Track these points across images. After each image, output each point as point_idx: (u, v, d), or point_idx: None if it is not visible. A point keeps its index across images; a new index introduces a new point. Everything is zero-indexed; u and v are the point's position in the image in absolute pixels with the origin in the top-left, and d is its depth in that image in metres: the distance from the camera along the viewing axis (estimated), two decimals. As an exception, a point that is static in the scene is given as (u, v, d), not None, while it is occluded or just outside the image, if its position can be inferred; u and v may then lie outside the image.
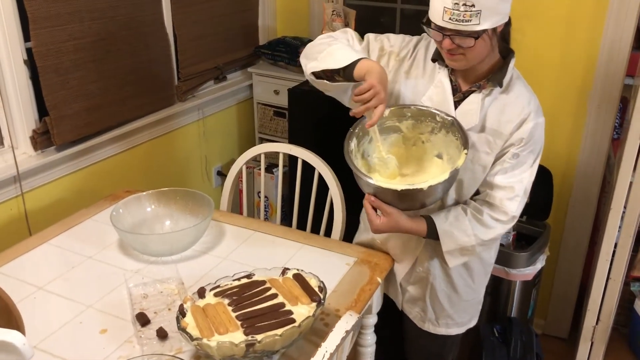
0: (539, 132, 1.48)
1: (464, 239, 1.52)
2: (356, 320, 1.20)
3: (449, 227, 1.52)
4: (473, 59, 1.42)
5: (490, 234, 1.52)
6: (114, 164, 2.55)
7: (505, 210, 1.50)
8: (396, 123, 1.55)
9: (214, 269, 1.66)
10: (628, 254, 2.06)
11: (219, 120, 3.16)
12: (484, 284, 1.78)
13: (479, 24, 1.31)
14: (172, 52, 2.75)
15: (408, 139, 1.56)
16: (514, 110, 1.47)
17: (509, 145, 1.48)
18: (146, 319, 1.42)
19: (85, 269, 1.66)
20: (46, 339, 1.38)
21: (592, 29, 2.19)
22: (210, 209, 1.76)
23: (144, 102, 2.62)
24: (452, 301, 1.72)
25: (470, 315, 1.79)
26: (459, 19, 1.31)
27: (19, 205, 2.17)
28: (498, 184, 1.50)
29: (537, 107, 1.49)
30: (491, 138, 1.49)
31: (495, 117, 1.48)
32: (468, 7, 1.30)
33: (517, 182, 1.49)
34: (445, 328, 1.77)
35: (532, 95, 1.50)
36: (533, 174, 1.51)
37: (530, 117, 1.46)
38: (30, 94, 2.17)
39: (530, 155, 1.49)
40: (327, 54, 1.49)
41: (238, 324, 1.28)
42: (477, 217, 1.52)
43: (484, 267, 1.72)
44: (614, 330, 2.25)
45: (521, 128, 1.46)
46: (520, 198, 1.50)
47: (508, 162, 1.49)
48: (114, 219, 1.69)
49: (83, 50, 2.26)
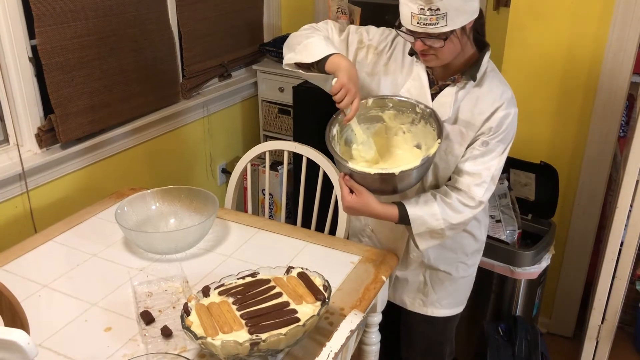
0: (510, 122, 1.52)
1: (433, 223, 1.55)
2: (361, 319, 1.20)
3: (419, 211, 1.55)
4: (445, 57, 1.48)
5: (459, 217, 1.56)
6: (118, 162, 2.55)
7: (473, 195, 1.54)
8: (379, 113, 1.60)
9: (219, 267, 1.66)
10: (634, 252, 2.05)
11: (224, 117, 3.16)
12: (477, 262, 1.84)
13: (446, 25, 1.36)
14: (177, 50, 2.75)
15: (390, 129, 1.62)
16: (486, 103, 1.52)
17: (480, 134, 1.53)
18: (151, 318, 1.42)
19: (90, 266, 1.66)
20: (51, 337, 1.38)
21: (599, 25, 2.17)
22: (214, 207, 1.76)
23: (148, 100, 2.62)
24: (451, 279, 1.79)
25: (465, 294, 1.86)
26: (426, 22, 1.36)
27: (24, 202, 2.18)
28: (466, 170, 1.55)
29: (509, 98, 1.53)
30: (464, 129, 1.54)
31: (468, 109, 1.53)
32: (433, 11, 1.34)
33: (485, 169, 1.53)
34: (448, 309, 1.83)
35: (505, 87, 1.54)
36: (502, 162, 1.55)
37: (501, 108, 1.50)
38: (35, 91, 2.17)
39: (499, 144, 1.53)
40: (304, 47, 1.55)
41: (242, 323, 1.28)
42: (446, 202, 1.55)
43: (477, 243, 1.79)
44: (619, 329, 2.24)
45: (491, 118, 1.51)
46: (487, 184, 1.54)
47: (477, 149, 1.53)
48: (118, 216, 1.69)
49: (88, 48, 2.27)
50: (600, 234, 2.54)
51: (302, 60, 1.54)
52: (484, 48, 1.54)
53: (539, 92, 2.36)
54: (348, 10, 2.78)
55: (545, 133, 2.40)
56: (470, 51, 1.53)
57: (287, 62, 1.61)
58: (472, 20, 1.42)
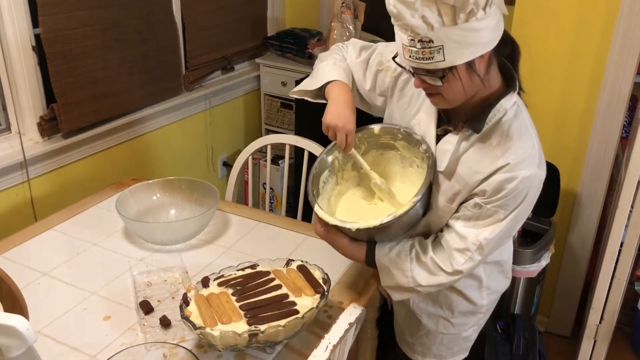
0: (514, 187, 1.21)
1: (401, 279, 1.36)
2: (360, 312, 1.20)
3: (388, 263, 1.37)
4: (452, 99, 1.23)
5: (430, 280, 1.34)
6: (120, 152, 2.55)
7: (452, 260, 1.30)
8: (390, 141, 1.45)
9: (218, 258, 1.66)
10: (634, 253, 2.05)
11: (226, 110, 3.15)
12: (469, 324, 1.58)
13: (443, 60, 1.12)
14: (180, 42, 2.75)
15: (405, 158, 1.45)
16: (487, 161, 1.25)
17: (473, 194, 1.29)
18: (150, 307, 1.42)
19: (90, 256, 1.66)
20: (50, 324, 1.39)
21: (604, 25, 2.17)
22: (215, 199, 1.76)
23: (151, 91, 2.62)
24: (428, 330, 1.58)
25: (446, 350, 1.61)
26: (418, 56, 1.13)
27: (25, 191, 2.18)
28: (455, 229, 1.31)
29: (522, 158, 1.22)
30: (458, 187, 1.31)
31: (467, 165, 1.29)
32: (425, 43, 1.11)
33: (473, 235, 1.28)
34: (420, 356, 1.64)
35: (522, 143, 1.24)
36: (499, 231, 1.27)
37: (503, 169, 1.22)
38: (38, 80, 2.17)
39: (498, 210, 1.25)
40: (314, 73, 1.48)
41: (241, 314, 1.28)
42: (420, 259, 1.34)
43: (471, 306, 1.53)
44: (617, 329, 2.24)
45: (488, 179, 1.25)
46: (471, 254, 1.29)
47: (469, 210, 1.29)
48: (119, 206, 1.69)
49: (92, 38, 2.26)
50: (600, 234, 2.54)
51: (307, 88, 1.47)
52: (508, 87, 1.27)
53: (542, 91, 2.35)
54: (352, 6, 2.77)
55: (548, 132, 2.40)
56: (492, 88, 1.26)
57: (295, 90, 1.51)
58: (484, 54, 1.15)
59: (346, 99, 1.37)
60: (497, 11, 1.14)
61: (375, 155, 1.49)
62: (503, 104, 1.25)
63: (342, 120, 1.33)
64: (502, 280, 1.56)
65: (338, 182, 1.51)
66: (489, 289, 1.52)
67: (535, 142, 1.26)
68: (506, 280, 1.58)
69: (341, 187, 1.52)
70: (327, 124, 1.34)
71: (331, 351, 1.09)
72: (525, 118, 1.28)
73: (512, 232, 1.32)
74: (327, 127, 1.35)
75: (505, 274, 1.56)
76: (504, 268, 1.55)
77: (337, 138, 1.34)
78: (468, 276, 1.45)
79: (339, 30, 2.75)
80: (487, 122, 1.26)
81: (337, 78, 1.43)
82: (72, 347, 1.32)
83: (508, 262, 1.56)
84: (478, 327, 1.61)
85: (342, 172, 1.50)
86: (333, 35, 2.76)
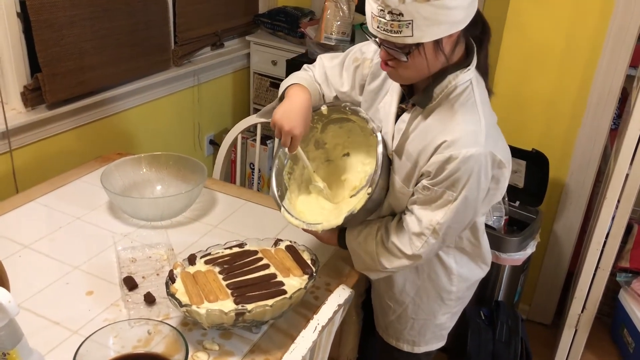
0: (455, 167, 1.17)
1: (369, 262, 1.37)
2: (349, 294, 1.19)
3: (357, 247, 1.38)
4: (406, 76, 1.21)
5: (394, 263, 1.33)
6: (105, 126, 2.50)
7: (411, 244, 1.29)
8: (343, 116, 1.44)
9: (204, 236, 1.64)
10: (618, 244, 2.06)
11: (214, 87, 3.11)
12: (441, 311, 1.55)
13: (411, 35, 1.08)
14: (170, 15, 2.69)
15: (365, 129, 1.41)
16: (429, 137, 1.23)
17: (420, 175, 1.27)
18: (134, 283, 1.40)
19: (73, 229, 1.63)
20: (30, 298, 1.36)
21: (600, 16, 2.15)
22: (203, 176, 1.73)
23: (139, 65, 2.57)
24: (394, 312, 1.56)
25: (423, 336, 1.58)
26: (386, 28, 1.10)
27: (6, 162, 2.13)
28: (412, 211, 1.30)
29: (464, 134, 1.18)
30: (409, 165, 1.28)
31: (414, 143, 1.27)
32: (395, 15, 1.06)
33: (427, 219, 1.26)
34: (394, 340, 1.62)
35: (464, 119, 1.20)
36: (450, 215, 1.23)
37: (443, 146, 1.19)
38: (22, 48, 2.11)
39: (448, 192, 1.21)
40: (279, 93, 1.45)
41: (228, 293, 1.26)
42: (384, 243, 1.34)
43: (438, 292, 1.51)
44: (597, 319, 2.26)
45: (431, 159, 1.22)
46: (426, 238, 1.27)
47: (421, 193, 1.26)
48: (104, 180, 1.65)
49: (79, 7, 2.20)
50: (585, 224, 2.56)
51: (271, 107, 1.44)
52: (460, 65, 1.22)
53: (535, 79, 2.35)
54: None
55: (539, 121, 2.39)
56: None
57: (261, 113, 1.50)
58: (454, 34, 1.13)
59: (302, 101, 1.35)
60: None
61: (334, 130, 1.49)
62: (452, 80, 1.21)
63: (290, 123, 1.31)
64: (474, 268, 1.52)
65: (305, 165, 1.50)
66: (460, 277, 1.50)
67: (483, 119, 1.20)
68: (479, 269, 1.54)
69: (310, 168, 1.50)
70: (274, 121, 1.33)
71: (320, 332, 1.08)
72: (476, 95, 1.23)
73: (468, 215, 1.27)
74: (274, 124, 1.33)
75: (479, 263, 1.53)
76: (477, 258, 1.51)
77: (282, 139, 1.33)
78: (436, 263, 1.46)
79: (333, 10, 2.71)
80: (435, 98, 1.23)
81: (297, 82, 1.41)
82: (53, 321, 1.29)
83: (483, 252, 1.52)
84: (451, 315, 1.58)
85: (307, 153, 1.48)
86: (326, 15, 2.72)
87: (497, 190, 1.28)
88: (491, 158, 1.20)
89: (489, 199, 1.30)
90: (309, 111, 1.37)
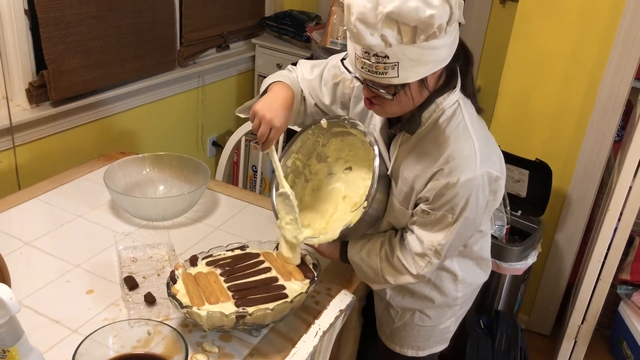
0: (455, 192, 1.18)
1: (372, 277, 1.38)
2: (350, 300, 1.19)
3: (359, 262, 1.38)
4: (391, 112, 1.21)
5: (399, 279, 1.34)
6: (109, 125, 2.50)
7: (414, 264, 1.30)
8: (343, 129, 1.41)
9: (206, 237, 1.63)
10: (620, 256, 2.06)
11: (219, 89, 3.11)
12: (447, 315, 1.55)
13: (397, 76, 1.08)
14: (176, 16, 2.69)
15: (365, 142, 1.37)
16: (425, 164, 1.23)
17: (419, 199, 1.27)
18: (134, 283, 1.39)
19: (75, 227, 1.63)
20: (31, 295, 1.35)
21: (606, 27, 2.15)
22: (206, 177, 1.73)
23: (144, 64, 2.57)
24: (402, 320, 1.56)
25: (419, 341, 1.59)
26: (371, 70, 1.09)
27: (9, 158, 2.12)
28: (413, 231, 1.30)
29: (460, 161, 1.18)
30: (406, 189, 1.28)
31: (409, 168, 1.27)
32: (381, 57, 1.06)
33: (429, 240, 1.27)
34: (398, 347, 1.61)
35: (457, 145, 1.20)
36: (450, 236, 1.25)
37: (439, 174, 1.20)
38: (29, 45, 2.11)
39: (447, 214, 1.23)
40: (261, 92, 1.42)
41: (229, 295, 1.26)
42: (388, 260, 1.34)
43: (443, 298, 1.51)
44: (596, 331, 2.25)
45: (428, 186, 1.23)
46: (429, 259, 1.28)
47: (420, 216, 1.27)
48: (107, 179, 1.65)
49: (87, 5, 2.20)
50: (587, 235, 2.55)
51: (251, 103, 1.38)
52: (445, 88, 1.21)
53: (540, 89, 2.34)
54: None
55: (543, 130, 2.39)
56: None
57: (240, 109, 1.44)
58: (438, 70, 1.13)
59: (284, 96, 1.32)
60: (456, 26, 1.11)
61: (336, 143, 1.46)
62: (440, 104, 1.21)
63: (272, 113, 1.27)
64: (478, 273, 1.54)
65: (308, 179, 1.49)
66: (464, 282, 1.51)
67: (476, 141, 1.20)
68: (483, 273, 1.56)
69: (313, 182, 1.50)
70: (255, 110, 1.27)
71: (321, 337, 1.07)
72: (466, 117, 1.22)
73: (469, 232, 1.30)
74: (254, 115, 1.27)
75: (482, 267, 1.54)
76: (481, 262, 1.53)
77: (260, 129, 1.26)
78: (443, 271, 1.46)
79: (339, 15, 2.71)
80: (424, 123, 1.23)
81: (280, 79, 1.38)
82: (53, 319, 1.28)
83: (485, 256, 1.54)
84: (456, 318, 1.59)
85: (309, 167, 1.48)
86: (333, 19, 2.72)
87: (495, 200, 1.28)
88: (487, 177, 1.21)
89: (489, 210, 1.31)
90: (291, 108, 1.34)
